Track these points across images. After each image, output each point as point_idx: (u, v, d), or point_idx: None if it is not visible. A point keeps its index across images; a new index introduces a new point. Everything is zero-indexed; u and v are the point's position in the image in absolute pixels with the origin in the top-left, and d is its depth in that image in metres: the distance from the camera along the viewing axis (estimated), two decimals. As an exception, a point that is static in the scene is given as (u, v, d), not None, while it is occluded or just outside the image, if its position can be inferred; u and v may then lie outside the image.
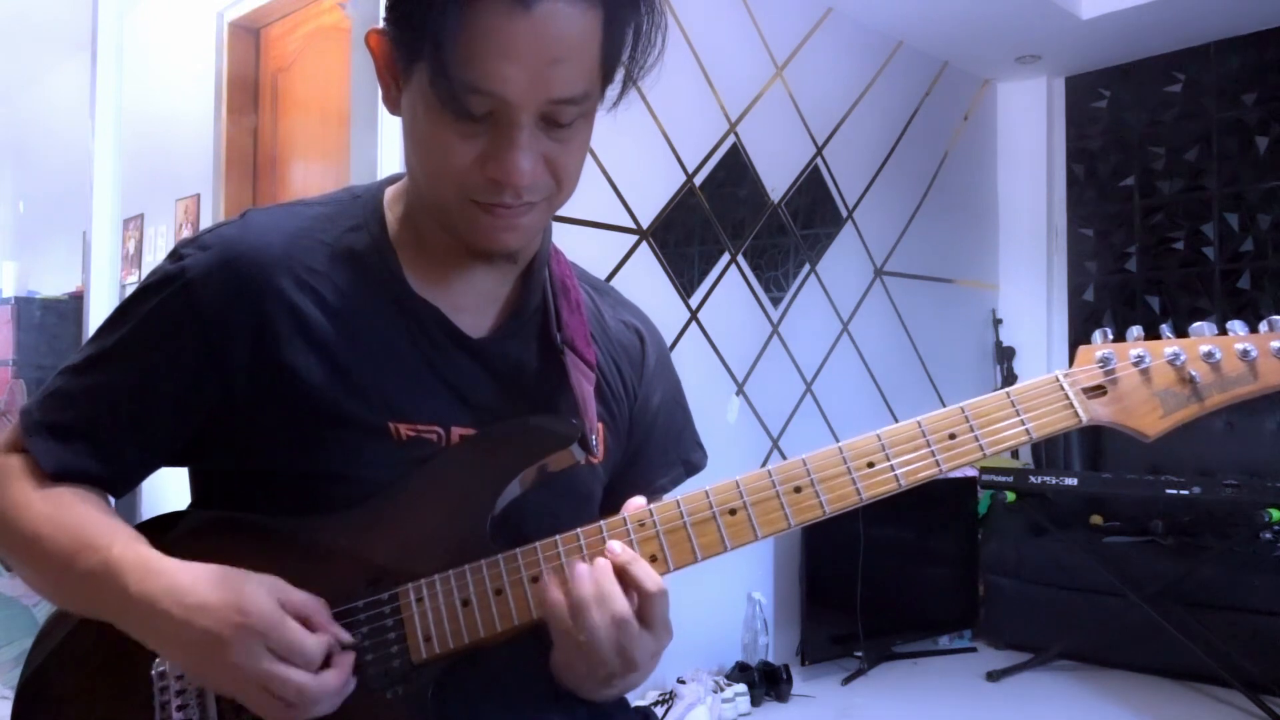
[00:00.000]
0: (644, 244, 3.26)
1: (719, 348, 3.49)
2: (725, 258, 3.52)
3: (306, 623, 0.82)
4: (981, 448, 0.84)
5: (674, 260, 3.35)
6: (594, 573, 0.83)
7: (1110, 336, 0.86)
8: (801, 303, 3.79)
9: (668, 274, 3.33)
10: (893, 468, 0.84)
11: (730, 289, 3.53)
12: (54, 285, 4.40)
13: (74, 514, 0.89)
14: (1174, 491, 3.17)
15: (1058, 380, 0.86)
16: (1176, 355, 0.84)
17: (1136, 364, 0.85)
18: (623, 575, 0.83)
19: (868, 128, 4.08)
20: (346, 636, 0.85)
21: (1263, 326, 0.83)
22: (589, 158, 0.93)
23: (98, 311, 2.73)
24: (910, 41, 4.24)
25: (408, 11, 0.82)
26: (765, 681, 3.22)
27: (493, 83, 0.79)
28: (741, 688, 3.11)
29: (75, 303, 3.99)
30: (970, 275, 4.63)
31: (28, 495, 0.91)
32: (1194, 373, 0.84)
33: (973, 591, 3.89)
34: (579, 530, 0.86)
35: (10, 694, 0.95)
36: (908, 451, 0.84)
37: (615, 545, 0.84)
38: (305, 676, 0.80)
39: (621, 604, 0.82)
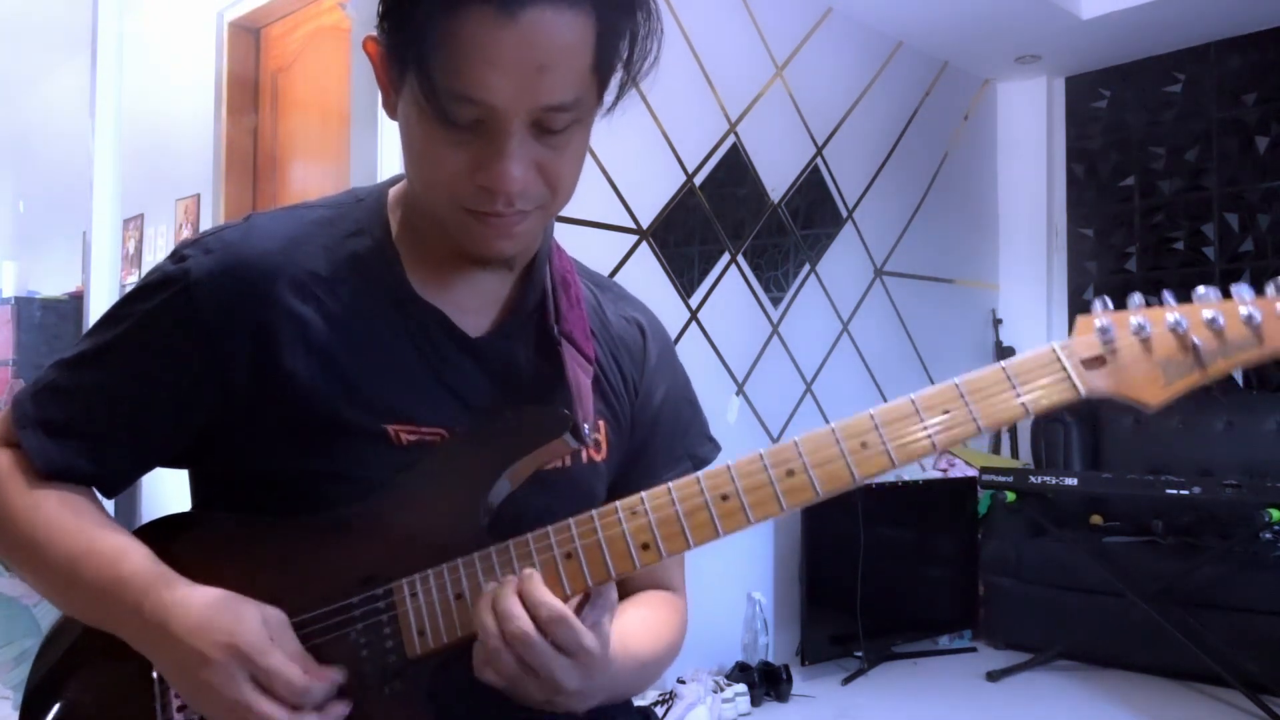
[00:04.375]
0: (644, 244, 3.25)
1: (719, 348, 3.48)
2: (725, 258, 3.52)
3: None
4: (977, 423, 0.81)
5: (674, 260, 3.34)
6: (497, 594, 0.81)
7: (1110, 306, 0.84)
8: (801, 303, 3.78)
9: (668, 274, 3.32)
10: (886, 446, 0.82)
11: (730, 289, 3.53)
12: (54, 285, 4.41)
13: (76, 521, 0.89)
14: (1174, 491, 3.16)
15: (1054, 352, 0.82)
16: (1179, 323, 0.82)
17: (1137, 333, 0.83)
18: (523, 597, 0.80)
19: (868, 128, 4.08)
20: (338, 678, 0.83)
21: (1268, 290, 0.80)
22: (589, 158, 0.92)
23: (98, 311, 2.69)
24: (910, 41, 4.24)
25: (397, 20, 0.81)
26: (765, 681, 3.21)
27: (479, 91, 0.79)
28: (741, 688, 3.10)
29: (75, 303, 3.99)
30: (970, 275, 4.62)
31: (24, 498, 0.90)
32: (1197, 340, 0.81)
33: (972, 591, 3.88)
34: (571, 520, 0.85)
35: (10, 694, 0.95)
36: (901, 429, 0.82)
37: (527, 570, 0.82)
38: (280, 712, 0.78)
39: (520, 622, 0.79)
